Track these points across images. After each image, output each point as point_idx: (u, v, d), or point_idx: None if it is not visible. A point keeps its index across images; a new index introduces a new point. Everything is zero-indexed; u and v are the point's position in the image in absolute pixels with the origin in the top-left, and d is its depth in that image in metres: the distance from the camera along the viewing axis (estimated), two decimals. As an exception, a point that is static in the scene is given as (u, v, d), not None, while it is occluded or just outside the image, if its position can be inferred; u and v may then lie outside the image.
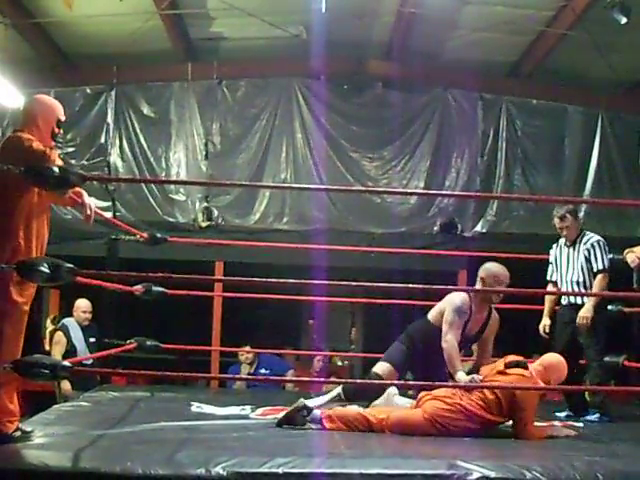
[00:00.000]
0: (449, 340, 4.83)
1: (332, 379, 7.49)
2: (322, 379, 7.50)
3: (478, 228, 9.14)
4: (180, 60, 9.03)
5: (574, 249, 5.55)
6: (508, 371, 4.50)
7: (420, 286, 4.91)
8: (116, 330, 6.42)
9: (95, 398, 5.47)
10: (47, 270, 3.47)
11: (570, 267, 5.56)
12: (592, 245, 5.45)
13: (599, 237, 5.54)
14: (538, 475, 3.29)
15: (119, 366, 6.39)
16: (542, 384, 4.47)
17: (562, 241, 5.67)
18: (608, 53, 8.19)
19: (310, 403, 4.62)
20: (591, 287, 5.42)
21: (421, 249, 8.30)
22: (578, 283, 5.50)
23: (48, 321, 9.50)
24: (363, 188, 8.91)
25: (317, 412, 4.39)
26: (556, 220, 5.58)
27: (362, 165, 9.21)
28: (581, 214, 9.06)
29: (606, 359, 5.48)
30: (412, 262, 8.19)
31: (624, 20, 7.17)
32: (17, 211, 3.67)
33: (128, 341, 6.19)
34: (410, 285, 4.95)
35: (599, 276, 5.39)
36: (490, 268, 5.08)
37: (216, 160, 9.12)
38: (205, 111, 9.15)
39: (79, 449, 3.47)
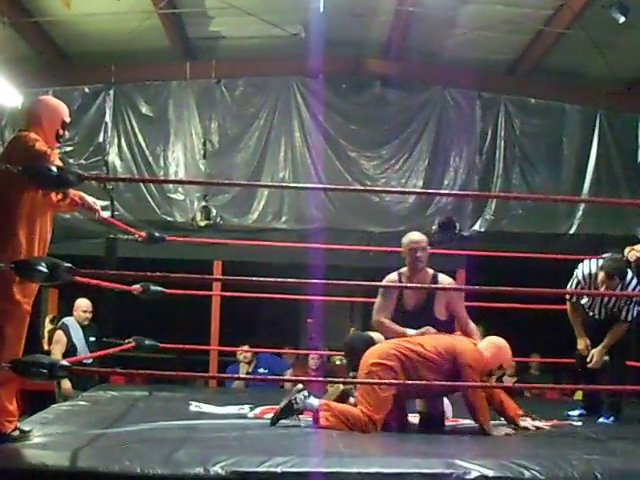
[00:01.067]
0: (374, 322, 4.86)
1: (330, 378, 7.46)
2: (320, 378, 7.49)
3: (476, 227, 9.14)
4: (178, 59, 9.02)
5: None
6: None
7: (418, 285, 4.93)
8: (115, 329, 6.42)
9: (94, 397, 5.47)
10: (45, 269, 3.46)
11: (606, 315, 5.34)
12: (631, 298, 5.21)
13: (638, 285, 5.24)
14: (536, 474, 3.29)
15: (118, 365, 6.39)
16: (488, 359, 4.53)
17: (600, 277, 5.16)
18: (606, 52, 8.19)
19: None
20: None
21: (419, 248, 8.27)
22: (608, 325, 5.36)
23: (47, 321, 9.51)
24: (361, 187, 8.90)
25: (315, 401, 4.40)
26: (602, 274, 5.11)
27: (360, 164, 9.21)
28: (579, 213, 9.09)
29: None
30: (410, 261, 8.17)
31: (622, 19, 7.18)
32: (19, 210, 3.66)
33: (127, 340, 6.19)
34: (408, 285, 4.97)
35: (622, 324, 5.25)
36: (402, 240, 5.05)
37: (214, 159, 9.11)
38: (203, 110, 9.14)
39: (77, 448, 3.47)
